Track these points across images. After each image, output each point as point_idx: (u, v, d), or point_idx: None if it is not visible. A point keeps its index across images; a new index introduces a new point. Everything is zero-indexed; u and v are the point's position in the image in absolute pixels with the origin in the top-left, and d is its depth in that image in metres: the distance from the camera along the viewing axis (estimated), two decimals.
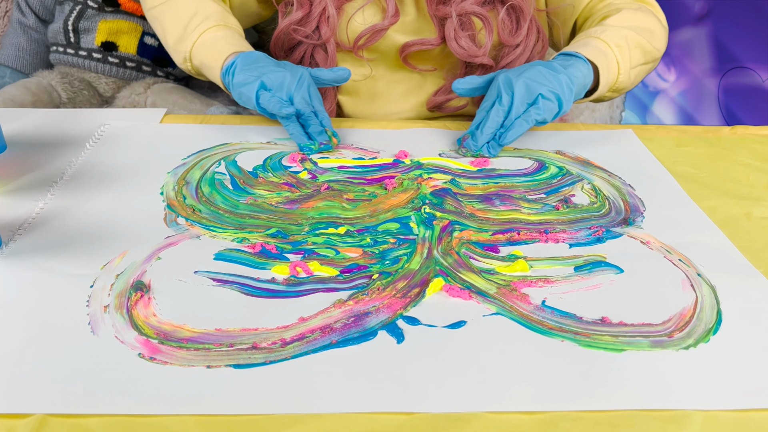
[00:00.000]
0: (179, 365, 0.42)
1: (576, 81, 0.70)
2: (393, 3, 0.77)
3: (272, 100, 0.68)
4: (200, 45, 0.75)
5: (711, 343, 0.45)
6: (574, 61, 0.72)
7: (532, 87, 0.68)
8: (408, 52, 0.80)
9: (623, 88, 0.77)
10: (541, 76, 0.68)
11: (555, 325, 0.47)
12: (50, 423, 0.38)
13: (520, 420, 0.39)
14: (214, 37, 0.75)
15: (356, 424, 0.39)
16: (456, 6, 0.76)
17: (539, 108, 0.67)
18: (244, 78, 0.70)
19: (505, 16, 0.78)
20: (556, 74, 0.68)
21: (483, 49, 0.78)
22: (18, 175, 0.64)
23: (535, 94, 0.67)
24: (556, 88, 0.68)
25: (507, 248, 0.55)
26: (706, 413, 0.40)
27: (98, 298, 0.48)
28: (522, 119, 0.68)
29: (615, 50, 0.74)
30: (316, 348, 0.44)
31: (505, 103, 0.68)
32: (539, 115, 0.67)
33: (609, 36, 0.74)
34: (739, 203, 0.63)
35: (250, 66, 0.70)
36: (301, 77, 0.70)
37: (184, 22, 0.77)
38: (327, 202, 0.61)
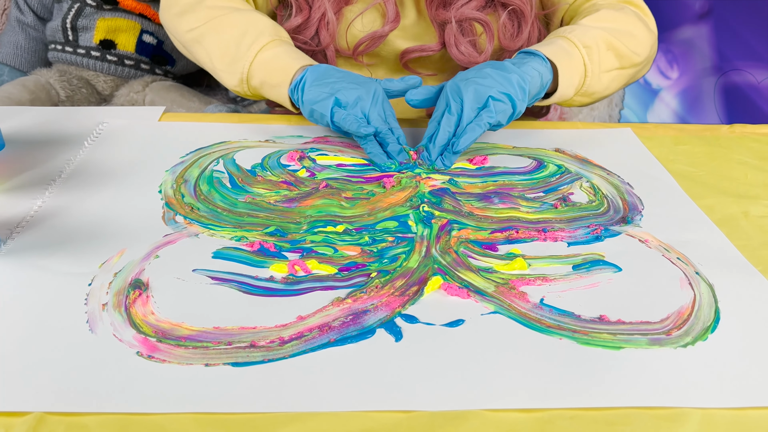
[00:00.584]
0: (177, 363, 0.42)
1: (530, 80, 0.66)
2: (393, 8, 0.76)
3: (349, 119, 0.65)
4: (259, 64, 0.70)
5: (709, 341, 0.45)
6: (531, 59, 0.69)
7: (481, 90, 0.65)
8: (408, 58, 0.79)
9: (594, 93, 0.73)
10: (489, 78, 0.65)
11: (553, 323, 0.47)
12: (48, 421, 0.38)
13: (518, 418, 0.39)
14: (273, 53, 0.71)
15: (354, 422, 0.39)
16: (456, 11, 0.75)
17: (491, 111, 0.64)
18: (315, 95, 0.66)
19: (506, 20, 0.77)
20: (506, 74, 0.65)
21: (484, 54, 0.77)
22: (16, 173, 0.64)
23: (484, 97, 0.64)
24: (506, 88, 0.65)
25: (505, 247, 0.55)
26: (704, 411, 0.40)
27: (96, 296, 0.47)
28: (474, 124, 0.64)
29: (582, 51, 0.70)
30: (315, 346, 0.44)
31: (455, 110, 0.65)
32: (492, 117, 0.64)
33: (577, 35, 0.71)
34: (737, 202, 0.64)
35: (321, 81, 0.67)
36: (375, 93, 0.67)
37: (235, 41, 0.72)
38: (325, 201, 0.61)
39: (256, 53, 0.70)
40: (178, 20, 0.77)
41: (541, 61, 0.68)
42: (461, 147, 0.65)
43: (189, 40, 0.76)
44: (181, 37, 0.77)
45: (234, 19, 0.73)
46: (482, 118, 0.64)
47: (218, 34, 0.73)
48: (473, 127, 0.64)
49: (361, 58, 0.80)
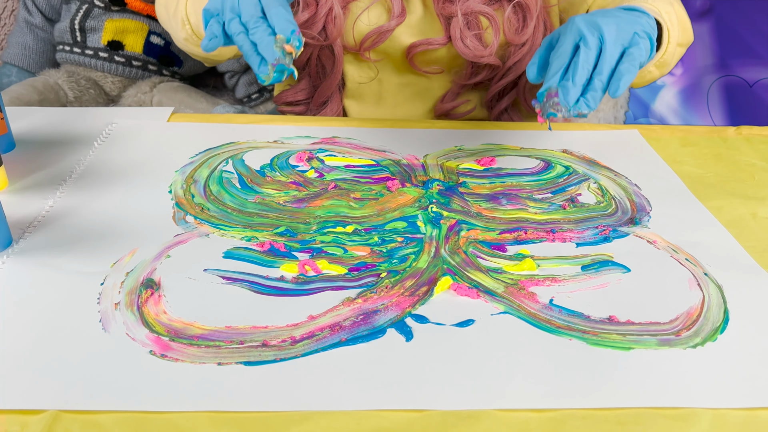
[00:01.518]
0: (190, 362, 0.42)
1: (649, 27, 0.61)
2: (399, 2, 0.76)
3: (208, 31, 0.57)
4: (192, 3, 0.70)
5: (718, 342, 0.46)
6: (641, 14, 0.62)
7: (625, 25, 0.58)
8: (414, 53, 0.79)
9: (666, 65, 0.70)
10: (627, 17, 0.59)
11: (563, 323, 0.47)
12: (63, 419, 0.38)
13: (530, 418, 0.40)
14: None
15: (367, 421, 0.39)
16: (461, 4, 0.75)
17: (640, 46, 0.57)
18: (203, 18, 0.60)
19: (511, 14, 0.77)
20: (640, 17, 0.60)
21: (489, 48, 0.77)
22: (27, 173, 0.64)
23: (630, 33, 0.57)
24: (646, 28, 0.59)
25: (514, 247, 0.56)
26: (715, 411, 0.40)
27: (109, 295, 0.48)
28: (628, 63, 0.56)
29: (665, 16, 0.66)
30: (326, 346, 0.44)
31: (593, 45, 0.56)
32: (641, 54, 0.57)
33: (655, 2, 0.67)
34: (745, 203, 0.64)
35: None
36: None
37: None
38: (334, 201, 0.61)
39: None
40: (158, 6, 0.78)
41: (651, 19, 0.63)
42: (620, 90, 0.56)
43: (159, 17, 0.77)
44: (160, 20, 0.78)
45: None
46: (633, 56, 0.56)
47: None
48: (627, 68, 0.56)
49: (367, 54, 0.80)
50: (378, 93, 0.84)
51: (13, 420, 0.38)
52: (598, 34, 0.57)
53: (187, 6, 0.72)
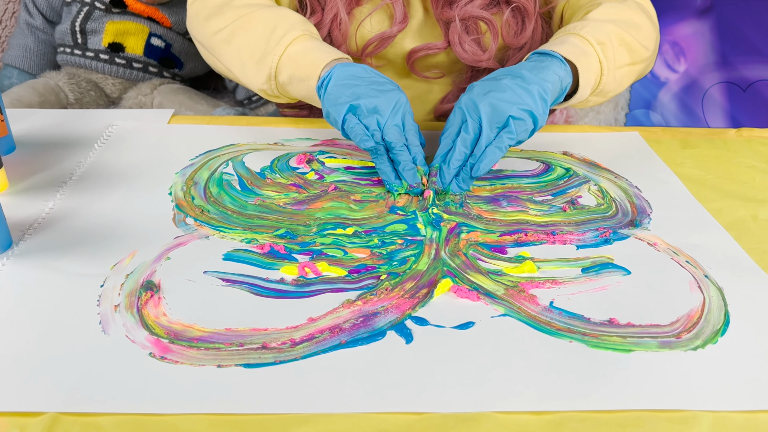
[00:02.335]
0: (190, 364, 0.42)
1: (551, 88, 0.63)
2: (401, 9, 0.76)
3: (356, 129, 0.61)
4: (288, 58, 0.67)
5: (719, 344, 0.46)
6: (549, 62, 0.65)
7: (500, 108, 0.60)
8: (415, 58, 0.79)
9: (608, 92, 0.70)
10: (509, 91, 0.61)
11: (563, 326, 0.47)
12: (62, 421, 0.38)
13: (529, 420, 0.40)
14: (303, 47, 0.68)
15: (366, 423, 0.39)
16: (459, 9, 0.75)
17: (511, 131, 0.60)
18: (335, 96, 0.63)
19: (509, 17, 0.77)
20: (527, 86, 0.61)
21: (488, 52, 0.77)
22: (27, 175, 0.64)
23: (504, 116, 0.60)
24: (528, 104, 0.61)
25: (514, 249, 0.56)
26: (715, 414, 0.40)
27: (109, 297, 0.48)
28: (494, 146, 0.60)
29: (596, 48, 0.67)
30: (326, 348, 0.44)
31: (471, 129, 0.61)
32: (512, 138, 0.60)
33: (589, 32, 0.67)
34: (746, 205, 0.64)
35: (346, 82, 0.64)
36: (397, 103, 0.63)
37: (265, 37, 0.69)
38: (334, 203, 0.61)
39: (285, 47, 0.68)
40: (206, 23, 0.74)
41: (560, 63, 0.65)
42: (481, 171, 0.61)
43: (217, 42, 0.73)
44: (209, 41, 0.74)
45: (263, 15, 0.71)
46: (503, 140, 0.60)
47: (247, 31, 0.70)
48: (493, 150, 0.60)
49: (369, 60, 0.80)
50: None
51: (12, 422, 0.38)
52: (477, 118, 0.61)
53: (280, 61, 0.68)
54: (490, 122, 0.60)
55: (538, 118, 0.61)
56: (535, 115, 0.61)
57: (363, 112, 0.62)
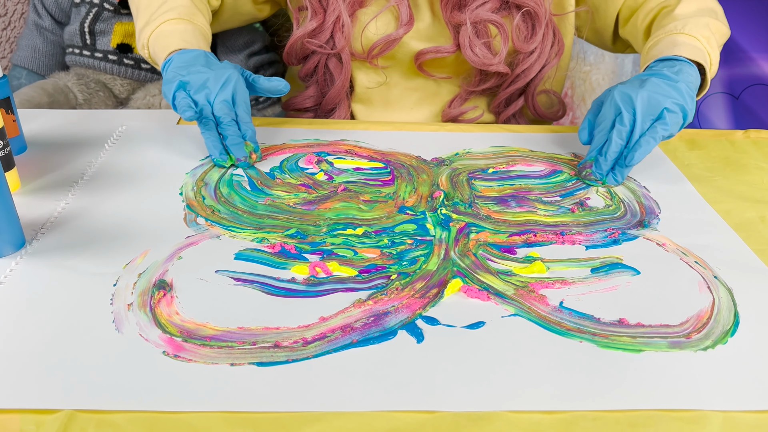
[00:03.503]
0: (203, 363, 0.43)
1: (693, 87, 0.66)
2: (407, 11, 0.76)
3: (182, 102, 0.64)
4: (157, 35, 0.72)
5: (729, 344, 0.46)
6: (681, 65, 0.67)
7: (655, 100, 0.63)
8: (423, 60, 0.80)
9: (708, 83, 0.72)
10: (661, 87, 0.64)
11: (573, 326, 0.47)
12: (78, 418, 0.38)
13: (541, 419, 0.40)
14: (171, 29, 0.72)
15: (379, 422, 0.39)
16: (470, 13, 0.75)
17: (666, 122, 0.62)
18: (169, 76, 0.66)
19: (520, 21, 0.77)
20: (675, 84, 0.64)
21: (498, 56, 0.77)
22: (39, 174, 0.65)
23: (659, 107, 0.63)
24: (679, 99, 0.63)
25: (524, 250, 0.56)
26: (725, 414, 0.40)
27: (122, 296, 0.48)
28: (648, 136, 0.63)
29: (704, 42, 0.70)
30: (338, 347, 0.44)
31: (627, 121, 0.63)
32: (666, 129, 0.62)
33: (693, 28, 0.71)
34: (754, 206, 0.64)
35: (181, 65, 0.67)
36: (228, 79, 0.66)
37: (153, 9, 0.74)
38: (344, 203, 0.62)
39: (159, 24, 0.72)
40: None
41: (690, 65, 0.67)
42: (635, 161, 0.63)
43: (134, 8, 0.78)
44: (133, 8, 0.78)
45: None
46: (657, 131, 0.63)
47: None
48: (648, 140, 0.63)
49: (375, 61, 0.80)
50: (386, 97, 0.84)
51: (28, 419, 0.38)
52: (632, 110, 0.63)
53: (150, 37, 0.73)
54: (645, 114, 0.63)
55: (687, 113, 0.64)
56: (686, 110, 0.63)
57: (192, 88, 0.65)
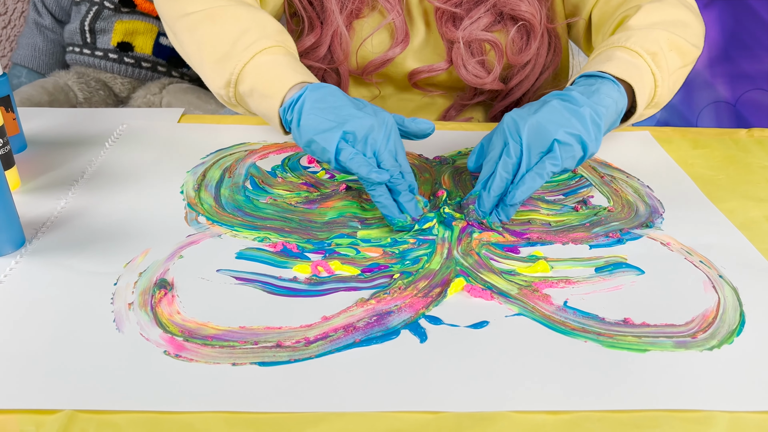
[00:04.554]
0: (205, 362, 0.42)
1: (605, 113, 0.56)
2: (403, 28, 0.74)
3: (357, 160, 0.54)
4: (254, 67, 0.61)
5: (735, 344, 0.45)
6: (600, 84, 0.58)
7: (545, 130, 0.54)
8: (417, 79, 0.78)
9: (662, 102, 0.65)
10: (556, 114, 0.55)
11: (577, 325, 0.47)
12: (79, 419, 0.38)
13: (545, 420, 0.39)
14: (273, 60, 0.61)
15: (382, 422, 0.39)
16: (464, 31, 0.72)
17: (555, 157, 0.54)
18: (317, 122, 0.55)
19: (515, 34, 0.74)
20: (577, 109, 0.55)
21: (492, 74, 0.75)
22: (39, 173, 0.64)
23: (549, 140, 0.54)
24: (575, 128, 0.54)
25: (527, 249, 0.55)
26: (732, 414, 0.40)
27: (122, 295, 0.48)
28: (534, 173, 0.54)
29: (647, 59, 0.61)
30: (340, 347, 0.44)
31: (513, 153, 0.55)
32: (556, 165, 0.54)
33: (637, 42, 0.62)
34: (758, 205, 0.63)
35: (324, 104, 0.56)
36: (387, 126, 0.56)
37: (232, 37, 0.62)
38: (346, 202, 0.61)
39: (253, 55, 0.61)
40: (174, 3, 0.67)
41: (612, 84, 0.59)
42: (517, 199, 0.54)
43: (181, 27, 0.66)
44: (174, 23, 0.67)
45: (238, 13, 0.64)
46: (544, 166, 0.54)
47: (215, 25, 0.63)
48: (533, 176, 0.54)
49: (370, 76, 0.79)
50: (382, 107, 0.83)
51: (28, 420, 0.38)
52: (519, 139, 0.55)
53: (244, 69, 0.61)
54: (532, 145, 0.54)
55: (588, 145, 0.55)
56: (585, 142, 0.54)
57: (357, 138, 0.55)
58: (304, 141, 0.57)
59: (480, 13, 0.72)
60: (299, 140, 0.57)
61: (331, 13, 0.73)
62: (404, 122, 0.59)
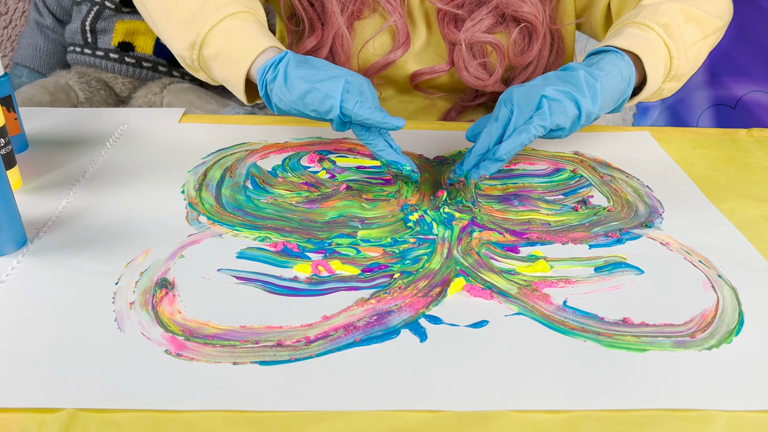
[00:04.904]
0: (206, 362, 0.42)
1: (602, 76, 0.56)
2: (404, 30, 0.74)
3: (368, 105, 0.54)
4: (222, 31, 0.59)
5: (734, 343, 0.45)
6: (602, 56, 0.59)
7: (533, 91, 0.55)
8: (418, 81, 0.78)
9: (683, 74, 0.64)
10: (546, 80, 0.56)
11: (577, 325, 0.47)
12: (80, 417, 0.38)
13: (545, 419, 0.40)
14: (244, 26, 0.60)
15: (382, 421, 0.39)
16: (466, 33, 0.72)
17: (543, 112, 0.53)
18: (312, 73, 0.55)
19: (516, 35, 0.73)
20: (570, 72, 0.56)
21: (494, 76, 0.75)
22: (40, 173, 0.64)
23: (536, 97, 0.54)
24: (565, 86, 0.55)
25: (527, 249, 0.56)
26: (730, 414, 0.40)
27: (123, 295, 0.48)
28: (522, 128, 0.54)
29: (659, 31, 0.60)
30: (340, 346, 0.44)
31: (502, 117, 0.55)
32: (545, 119, 0.53)
33: (647, 16, 0.61)
34: (758, 205, 0.63)
35: (310, 63, 0.57)
36: (370, 86, 0.59)
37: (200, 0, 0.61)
38: (346, 202, 0.61)
39: (222, 18, 0.59)
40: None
41: (616, 55, 0.59)
42: (502, 153, 0.54)
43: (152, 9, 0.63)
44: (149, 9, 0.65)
45: None
46: (531, 121, 0.54)
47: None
48: (519, 132, 0.54)
49: (371, 78, 0.79)
50: None
51: (30, 419, 0.38)
52: (510, 105, 0.56)
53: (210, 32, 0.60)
54: (522, 106, 0.54)
55: (580, 102, 0.54)
56: (577, 99, 0.54)
57: (355, 90, 0.55)
58: (299, 92, 0.55)
59: (482, 15, 0.72)
60: (289, 94, 0.56)
61: (332, 14, 0.73)
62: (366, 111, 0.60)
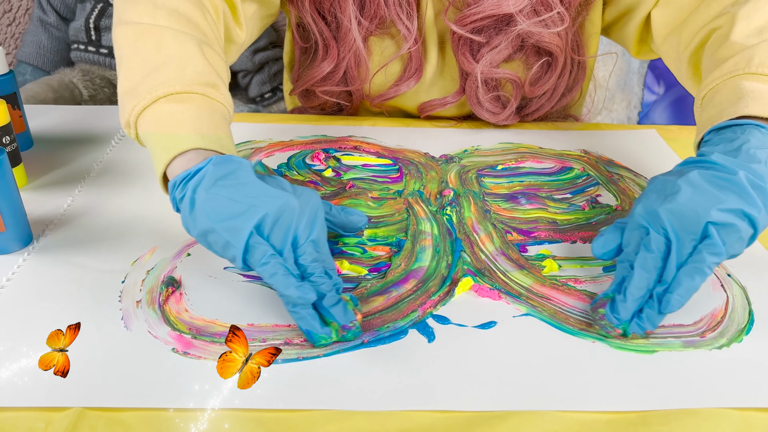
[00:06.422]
0: (213, 360, 0.42)
1: (764, 171, 0.45)
2: (418, 58, 0.71)
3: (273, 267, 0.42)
4: (152, 114, 0.48)
5: (744, 342, 0.45)
6: (747, 134, 0.47)
7: (693, 213, 0.44)
8: (428, 112, 0.77)
9: None
10: (703, 189, 0.44)
11: (585, 325, 0.46)
12: (87, 416, 0.38)
13: (554, 419, 0.39)
14: (178, 110, 0.48)
15: (391, 421, 0.39)
16: (482, 66, 0.68)
17: (714, 244, 0.43)
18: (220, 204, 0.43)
19: (535, 65, 0.70)
20: (729, 177, 0.44)
21: (508, 109, 0.72)
22: (46, 171, 0.64)
23: (700, 224, 0.43)
24: (734, 202, 0.43)
25: (535, 248, 0.55)
26: (742, 412, 0.40)
27: (130, 293, 0.48)
28: (690, 268, 0.43)
29: None
30: (349, 346, 0.44)
31: (656, 246, 0.44)
32: (718, 254, 0.43)
33: (763, 62, 0.50)
34: None
35: (230, 182, 0.44)
36: (312, 210, 0.46)
37: (145, 70, 0.50)
38: (352, 200, 0.61)
39: (155, 99, 0.48)
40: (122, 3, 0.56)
41: (758, 129, 0.47)
42: (672, 306, 0.43)
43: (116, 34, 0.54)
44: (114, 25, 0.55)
45: (166, 38, 0.51)
46: (703, 259, 0.43)
47: (137, 48, 0.52)
48: (690, 274, 0.43)
49: (379, 104, 0.78)
50: None
51: (38, 417, 0.38)
52: (661, 229, 0.44)
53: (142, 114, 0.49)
54: (681, 234, 0.44)
55: (756, 220, 0.43)
56: (751, 216, 0.43)
57: (271, 222, 0.43)
58: (201, 229, 0.44)
59: (501, 42, 0.68)
60: (192, 227, 0.44)
61: (348, 31, 0.69)
62: (332, 210, 0.51)
